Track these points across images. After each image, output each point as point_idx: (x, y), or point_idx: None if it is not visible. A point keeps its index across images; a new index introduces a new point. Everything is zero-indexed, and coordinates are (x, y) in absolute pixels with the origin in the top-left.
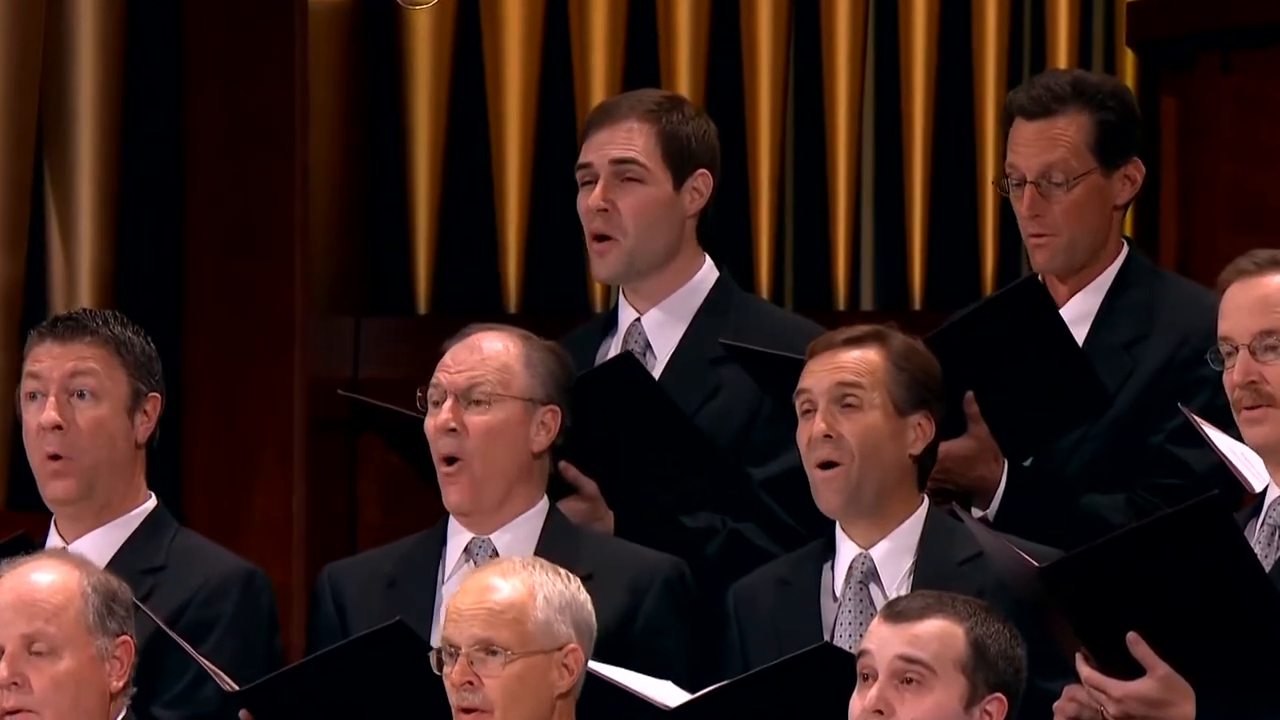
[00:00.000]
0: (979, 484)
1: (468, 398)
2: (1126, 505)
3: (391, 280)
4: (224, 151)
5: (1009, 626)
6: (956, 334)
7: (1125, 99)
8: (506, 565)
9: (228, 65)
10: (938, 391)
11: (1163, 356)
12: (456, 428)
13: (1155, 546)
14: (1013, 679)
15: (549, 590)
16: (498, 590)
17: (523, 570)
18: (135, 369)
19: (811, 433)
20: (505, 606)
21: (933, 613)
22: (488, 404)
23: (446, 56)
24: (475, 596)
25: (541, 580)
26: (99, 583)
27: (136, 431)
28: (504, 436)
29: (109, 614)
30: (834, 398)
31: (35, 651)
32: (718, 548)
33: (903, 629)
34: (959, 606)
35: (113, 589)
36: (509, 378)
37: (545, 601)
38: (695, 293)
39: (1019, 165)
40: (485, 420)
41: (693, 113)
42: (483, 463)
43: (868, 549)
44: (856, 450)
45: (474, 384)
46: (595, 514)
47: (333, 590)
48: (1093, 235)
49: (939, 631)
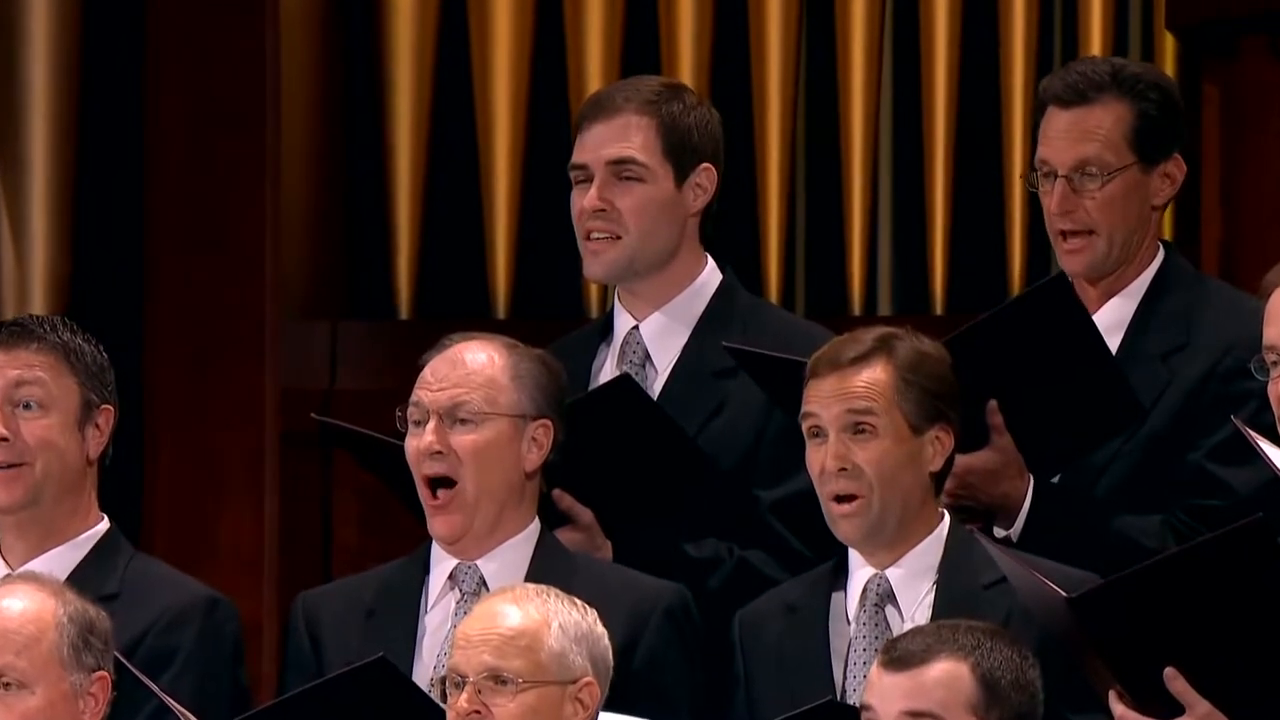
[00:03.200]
0: (1002, 501)
1: (452, 417)
2: (1163, 528)
3: (371, 281)
4: (187, 138)
5: (1018, 649)
6: (979, 337)
7: (1168, 91)
8: (520, 591)
9: (192, 43)
10: (952, 397)
11: (1203, 367)
12: (442, 450)
13: (1195, 574)
14: (1029, 708)
15: (565, 619)
16: (509, 616)
17: (537, 597)
18: (86, 378)
19: (824, 464)
20: (517, 633)
21: (934, 654)
22: (475, 423)
23: (430, 38)
24: (485, 622)
25: (557, 609)
26: (75, 612)
27: (88, 446)
28: (494, 457)
29: (85, 647)
30: (844, 426)
31: (4, 684)
32: (724, 579)
33: (905, 678)
34: (961, 638)
35: (90, 619)
36: (496, 393)
37: (560, 630)
38: (697, 297)
39: (1051, 158)
40: (473, 440)
41: (694, 101)
42: (474, 486)
43: (883, 570)
44: (875, 480)
45: (458, 402)
46: (591, 544)
47: (307, 620)
48: (1127, 236)
49: (943, 677)
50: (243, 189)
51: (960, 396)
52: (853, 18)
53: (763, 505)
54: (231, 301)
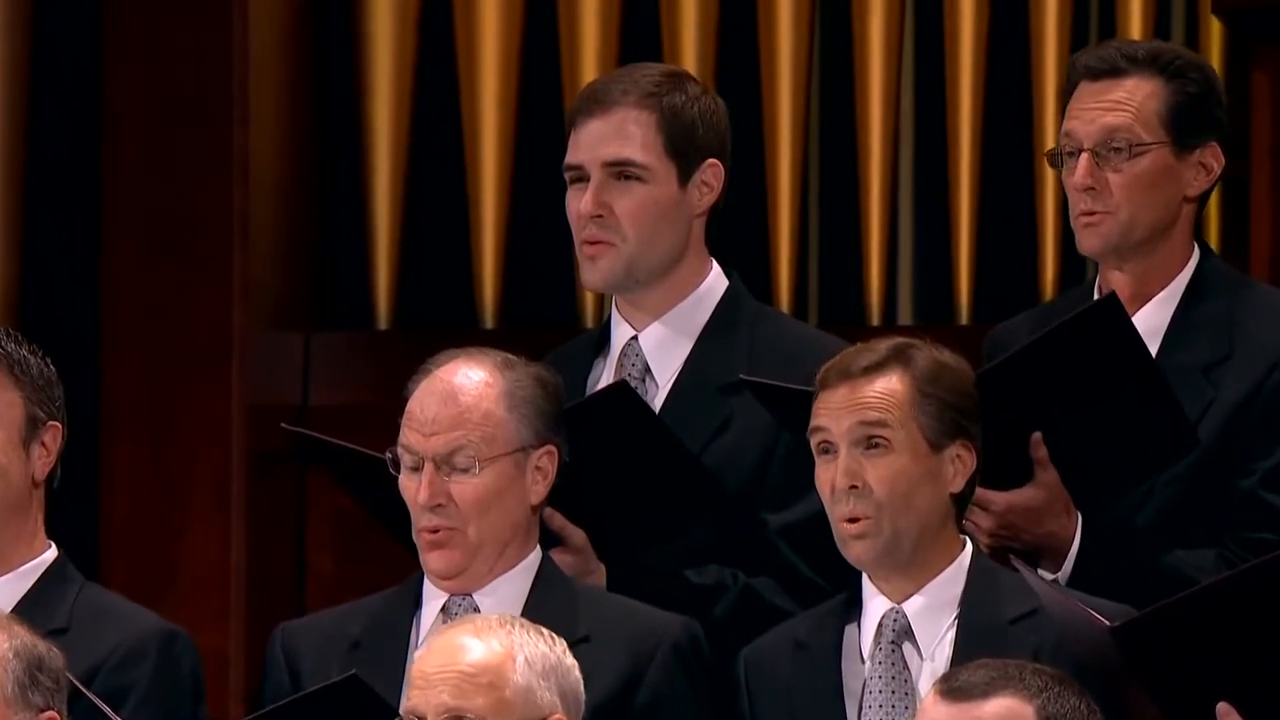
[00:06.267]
0: (1048, 540)
1: (450, 464)
2: (1218, 563)
3: (347, 289)
4: (148, 135)
5: (1086, 701)
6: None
7: (1209, 75)
8: (481, 622)
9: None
10: (975, 411)
11: (1249, 382)
12: (442, 502)
13: (1245, 602)
14: None
15: (530, 652)
16: (470, 651)
17: (499, 628)
18: (31, 393)
19: (835, 483)
20: (479, 670)
21: (998, 689)
22: (474, 470)
23: (411, 24)
24: (444, 658)
25: (522, 640)
26: (23, 647)
27: (33, 467)
28: (498, 500)
29: (32, 685)
30: (856, 440)
31: None
32: (728, 608)
33: (963, 710)
34: (1028, 679)
35: (39, 655)
36: (494, 430)
37: (526, 664)
38: (701, 305)
39: (1076, 131)
40: (475, 489)
41: (698, 91)
42: (476, 531)
43: (900, 603)
44: (888, 501)
45: (455, 448)
46: (584, 568)
47: (286, 654)
48: (1153, 221)
49: (1004, 713)
50: (208, 188)
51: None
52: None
53: (771, 529)
54: (196, 310)
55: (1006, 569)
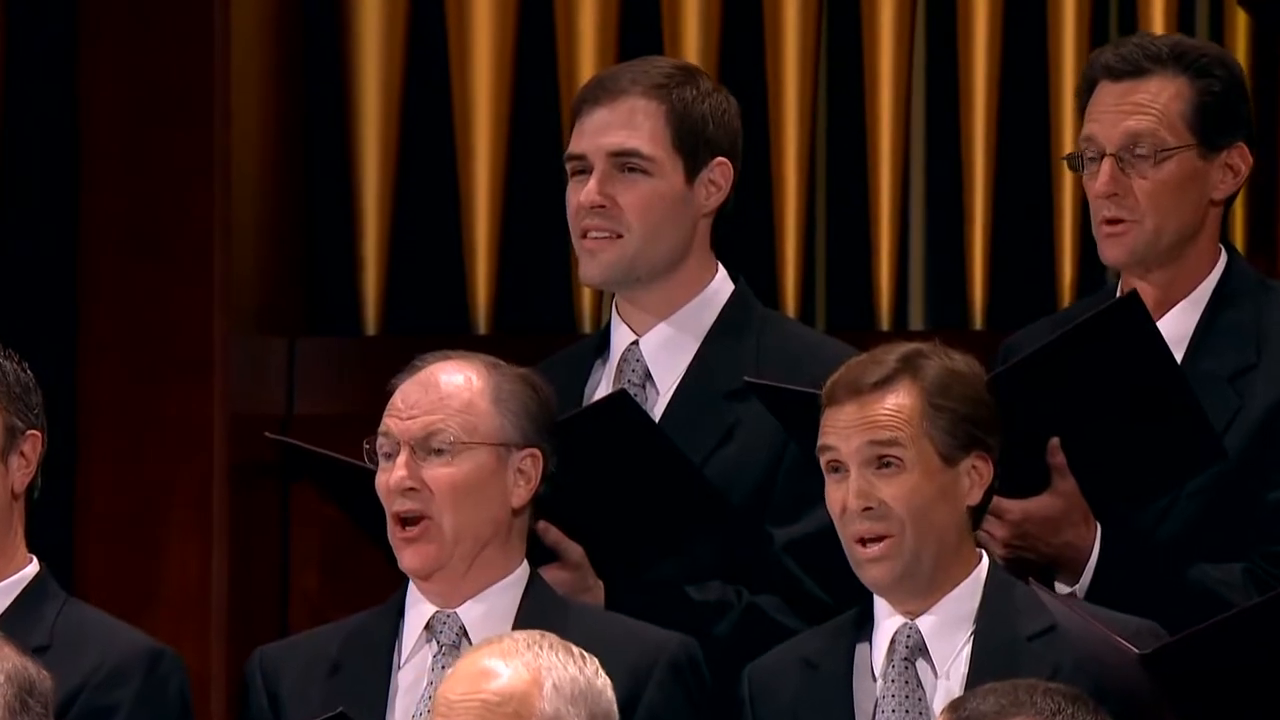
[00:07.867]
0: (1065, 551)
1: (426, 448)
2: (1244, 578)
3: (333, 293)
4: (125, 131)
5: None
6: (1037, 367)
7: (1235, 71)
8: (507, 644)
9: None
10: (989, 421)
11: (1276, 391)
12: (415, 485)
13: None
14: None
15: (559, 676)
16: (495, 677)
17: (526, 650)
18: (9, 401)
19: (846, 503)
20: (504, 698)
21: (1009, 716)
22: (450, 454)
23: (401, 16)
24: (468, 685)
25: (550, 663)
26: (14, 671)
27: (12, 478)
28: (473, 491)
29: (23, 710)
30: (866, 460)
31: None
32: (731, 626)
33: None
34: (1039, 702)
35: (30, 679)
36: (475, 419)
37: (554, 690)
38: (706, 309)
39: (1097, 135)
40: (449, 473)
41: (709, 87)
42: (451, 523)
43: (914, 619)
44: (905, 519)
45: (432, 431)
46: (581, 585)
47: (265, 676)
48: (1180, 228)
49: None
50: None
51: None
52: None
53: (776, 544)
54: (176, 315)
55: (1023, 584)
